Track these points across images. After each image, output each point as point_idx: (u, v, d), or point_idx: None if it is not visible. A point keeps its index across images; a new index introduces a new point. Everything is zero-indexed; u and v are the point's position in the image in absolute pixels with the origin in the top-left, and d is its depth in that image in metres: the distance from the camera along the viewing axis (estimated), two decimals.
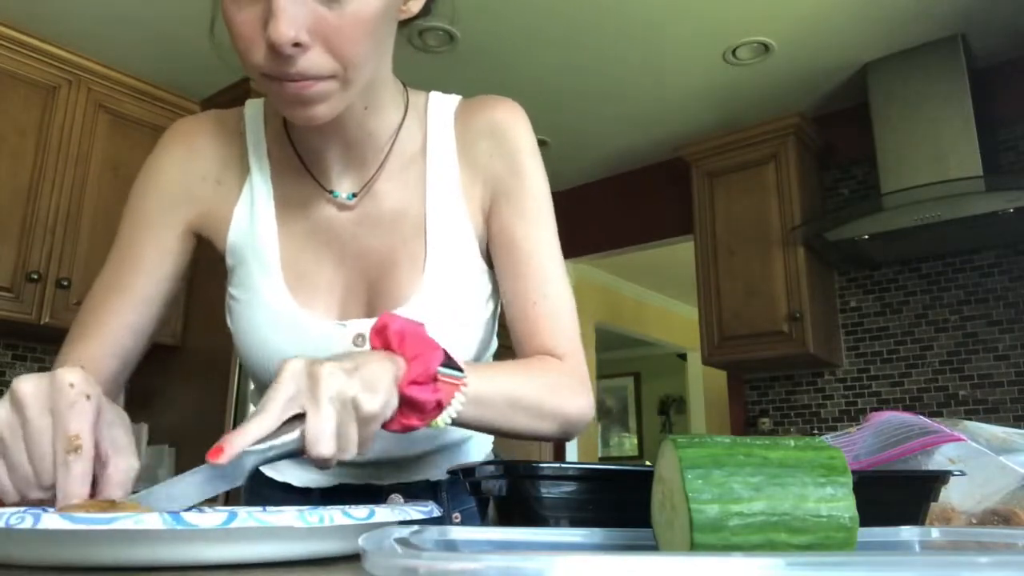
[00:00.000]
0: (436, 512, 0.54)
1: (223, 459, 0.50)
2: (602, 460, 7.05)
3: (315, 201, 0.83)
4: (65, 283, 2.86)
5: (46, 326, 2.84)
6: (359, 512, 0.47)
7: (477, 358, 0.85)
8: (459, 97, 0.88)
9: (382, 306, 0.80)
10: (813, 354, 3.21)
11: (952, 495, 0.71)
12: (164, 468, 2.96)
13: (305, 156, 0.83)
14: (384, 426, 0.59)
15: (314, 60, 0.65)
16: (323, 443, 0.53)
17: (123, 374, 0.82)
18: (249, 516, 0.42)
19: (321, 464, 0.54)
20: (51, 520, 0.39)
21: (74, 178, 2.95)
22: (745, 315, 3.38)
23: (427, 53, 3.16)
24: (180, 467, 2.96)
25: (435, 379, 0.62)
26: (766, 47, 3.15)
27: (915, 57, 3.12)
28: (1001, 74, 3.23)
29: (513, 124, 0.85)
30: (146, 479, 2.62)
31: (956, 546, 0.51)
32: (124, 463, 0.53)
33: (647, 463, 0.49)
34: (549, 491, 0.53)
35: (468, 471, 0.58)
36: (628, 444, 8.35)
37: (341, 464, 0.84)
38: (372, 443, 0.58)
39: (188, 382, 3.08)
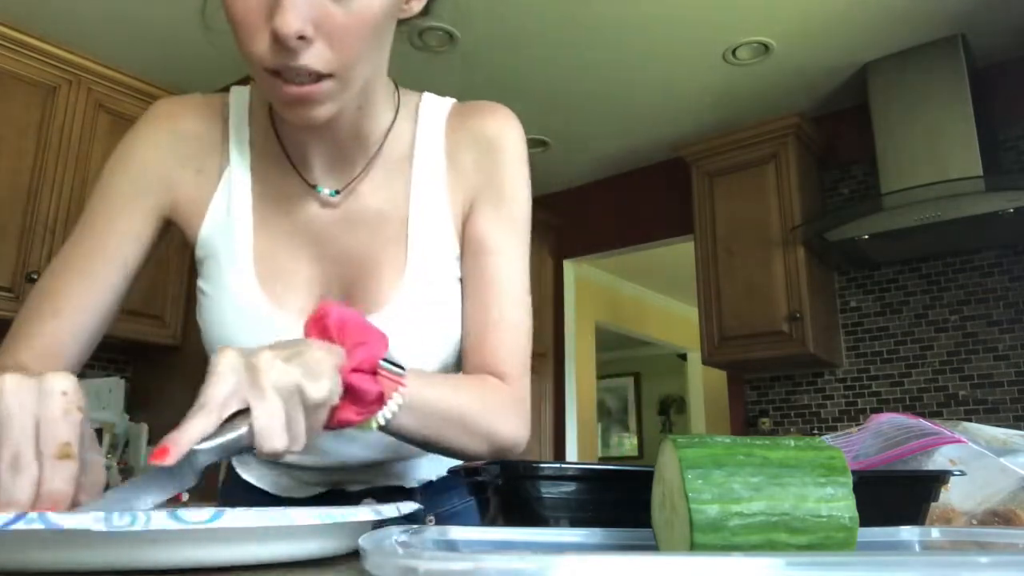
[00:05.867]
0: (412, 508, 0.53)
1: (170, 460, 0.47)
2: (602, 460, 7.05)
3: (297, 196, 0.80)
4: None
5: None
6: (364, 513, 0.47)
7: (451, 366, 0.83)
8: (453, 100, 0.87)
9: (359, 308, 0.77)
10: (813, 354, 3.21)
11: (952, 496, 0.72)
12: None
13: (291, 150, 0.80)
14: None
15: (317, 55, 0.64)
16: (275, 437, 0.51)
17: (83, 357, 0.78)
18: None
19: (272, 458, 0.52)
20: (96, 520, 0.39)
21: (74, 178, 2.95)
22: (745, 315, 3.38)
23: (427, 53, 3.16)
24: None
25: (376, 371, 0.60)
26: (766, 47, 3.15)
27: (915, 57, 3.12)
28: (1001, 74, 3.23)
29: (503, 135, 0.83)
30: None
31: (956, 546, 0.51)
32: (93, 477, 0.49)
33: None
34: (549, 491, 0.53)
35: (468, 471, 0.58)
36: (628, 444, 8.35)
37: (303, 469, 0.82)
38: (319, 433, 0.56)
39: (188, 382, 3.07)
